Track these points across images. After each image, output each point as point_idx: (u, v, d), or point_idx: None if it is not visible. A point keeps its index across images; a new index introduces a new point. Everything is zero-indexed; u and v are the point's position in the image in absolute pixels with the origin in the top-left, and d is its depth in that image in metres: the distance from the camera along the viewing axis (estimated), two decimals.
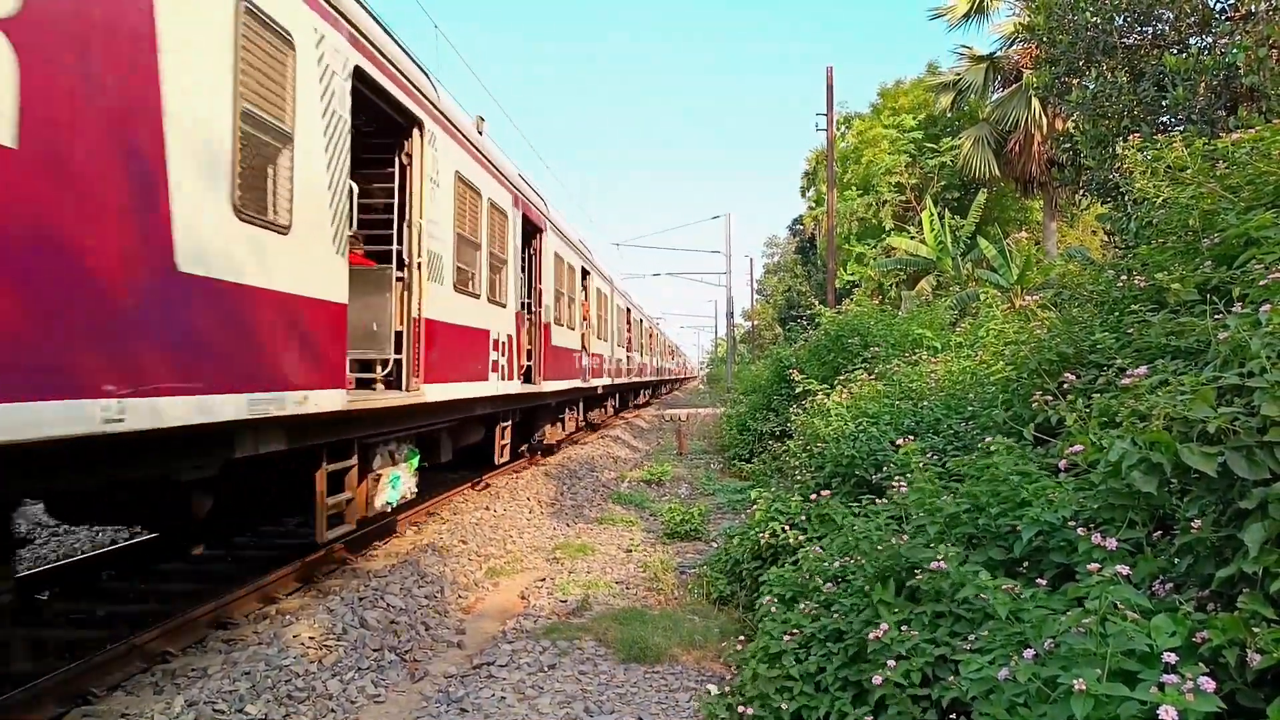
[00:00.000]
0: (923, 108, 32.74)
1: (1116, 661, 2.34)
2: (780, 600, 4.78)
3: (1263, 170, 4.56)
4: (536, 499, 11.39)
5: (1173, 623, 2.42)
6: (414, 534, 8.80)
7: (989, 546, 3.88)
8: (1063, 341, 5.23)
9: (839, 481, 6.93)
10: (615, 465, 16.05)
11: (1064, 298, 6.62)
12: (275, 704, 4.45)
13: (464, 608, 6.72)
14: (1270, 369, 2.70)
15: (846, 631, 3.94)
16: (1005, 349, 6.28)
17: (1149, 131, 8.49)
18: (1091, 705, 2.20)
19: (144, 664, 4.90)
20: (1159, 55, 9.73)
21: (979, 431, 5.95)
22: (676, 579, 7.30)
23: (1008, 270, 18.28)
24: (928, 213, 23.79)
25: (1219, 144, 5.15)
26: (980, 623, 3.24)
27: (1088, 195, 12.95)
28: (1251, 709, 2.29)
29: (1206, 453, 2.63)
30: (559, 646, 5.65)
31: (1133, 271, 5.30)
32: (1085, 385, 4.38)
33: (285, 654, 4.98)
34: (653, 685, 5.06)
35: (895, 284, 28.84)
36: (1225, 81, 8.76)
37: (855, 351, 11.64)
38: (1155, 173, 5.32)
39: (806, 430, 8.51)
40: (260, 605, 6.09)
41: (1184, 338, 4.01)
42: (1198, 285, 4.35)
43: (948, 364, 8.53)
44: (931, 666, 3.29)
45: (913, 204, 32.23)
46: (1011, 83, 22.41)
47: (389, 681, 5.08)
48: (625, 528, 9.91)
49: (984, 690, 2.61)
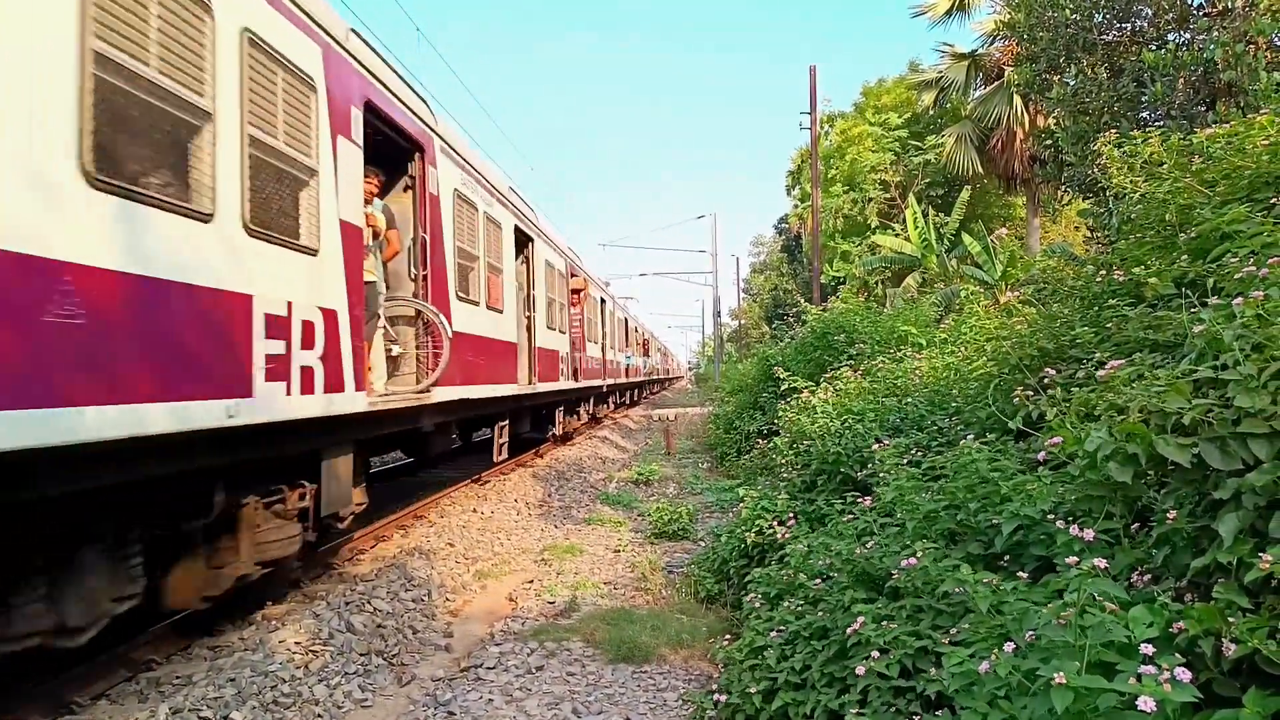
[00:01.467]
0: (906, 106, 32.92)
1: (1095, 653, 2.36)
2: (766, 598, 4.80)
3: (1238, 164, 4.61)
4: (525, 500, 11.37)
5: (1150, 614, 2.44)
6: (401, 537, 8.77)
7: (969, 542, 3.91)
8: (1043, 337, 5.27)
9: (825, 479, 6.95)
10: (603, 466, 16.04)
11: (1045, 293, 6.67)
12: (261, 710, 4.43)
13: (451, 611, 6.70)
14: (1244, 361, 2.72)
15: (832, 629, 3.97)
16: (987, 345, 6.32)
17: (1128, 127, 8.57)
18: (1072, 697, 2.21)
19: (128, 672, 4.87)
20: (1138, 51, 9.81)
21: (963, 427, 5.99)
22: (664, 578, 7.31)
23: (992, 266, 18.39)
24: (911, 210, 23.93)
25: (1195, 139, 5.20)
26: (961, 616, 3.26)
27: (1069, 191, 13.07)
28: (1228, 697, 2.32)
29: (1181, 444, 2.65)
30: (547, 648, 5.65)
31: (1112, 266, 5.34)
32: (1065, 380, 4.41)
33: (271, 660, 4.96)
34: (641, 685, 5.06)
35: (881, 281, 28.98)
36: (1204, 77, 8.85)
37: (841, 349, 11.68)
38: (1132, 168, 5.37)
39: (792, 428, 8.53)
40: (246, 611, 6.05)
41: (1161, 331, 4.05)
42: (1175, 279, 4.39)
43: (932, 360, 8.57)
44: (913, 659, 3.31)
45: (897, 201, 32.37)
46: (993, 80, 22.55)
47: (376, 686, 5.06)
48: (613, 528, 9.90)
49: (965, 683, 2.63)
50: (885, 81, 35.85)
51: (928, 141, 30.47)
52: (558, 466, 14.60)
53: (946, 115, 28.08)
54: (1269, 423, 2.55)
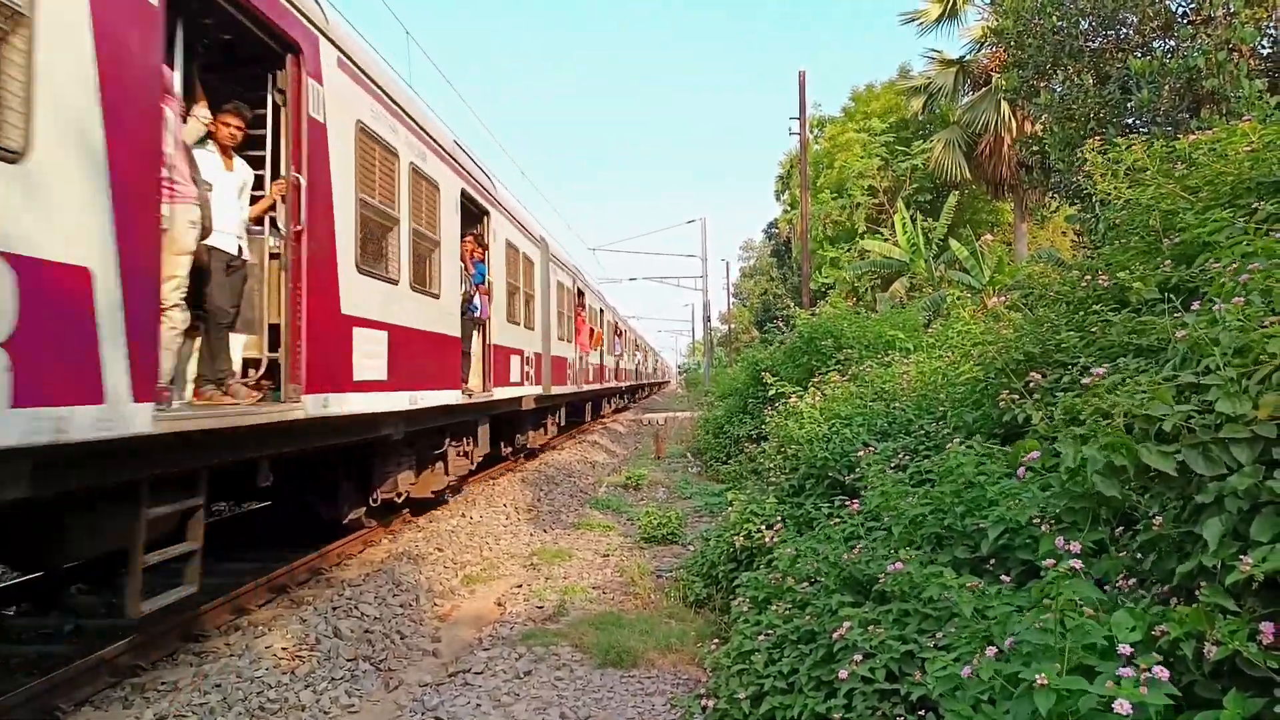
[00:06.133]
0: (894, 111, 33.05)
1: (1077, 656, 2.37)
2: (754, 602, 4.81)
3: (1220, 170, 4.65)
4: (513, 505, 11.36)
5: (1132, 617, 2.46)
6: (389, 542, 8.75)
7: (955, 546, 3.93)
8: (1029, 341, 5.29)
9: (813, 483, 6.97)
10: (593, 470, 16.03)
11: (1032, 298, 6.70)
12: (247, 716, 4.42)
13: (440, 616, 6.68)
14: (1225, 366, 2.75)
15: (819, 633, 3.97)
16: (973, 349, 6.35)
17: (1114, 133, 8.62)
18: (1053, 700, 2.23)
19: (113, 678, 4.83)
20: (1124, 58, 9.88)
21: (950, 432, 6.01)
22: (653, 583, 7.31)
23: (979, 271, 18.49)
24: (900, 215, 24.01)
25: (1178, 145, 5.24)
26: (947, 620, 3.28)
27: (1057, 197, 13.14)
28: (1209, 699, 2.33)
29: (1164, 452, 2.67)
30: (535, 653, 5.64)
31: (1097, 271, 5.37)
32: (1050, 384, 4.44)
33: (257, 665, 4.94)
34: (629, 689, 5.06)
35: (870, 286, 29.07)
36: (1188, 84, 8.90)
37: (829, 353, 11.71)
38: (1116, 174, 5.41)
39: (780, 432, 8.55)
40: (233, 616, 6.02)
41: (1145, 336, 4.07)
42: (1159, 284, 4.42)
43: (919, 365, 8.60)
44: (899, 663, 3.32)
45: (886, 207, 32.48)
46: (981, 86, 22.65)
47: (363, 691, 5.04)
48: (602, 533, 9.90)
49: (949, 687, 2.64)
50: (875, 87, 36.00)
51: (915, 147, 30.60)
52: (547, 471, 14.58)
53: (935, 121, 28.21)
54: (1250, 427, 2.57)
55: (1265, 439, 2.54)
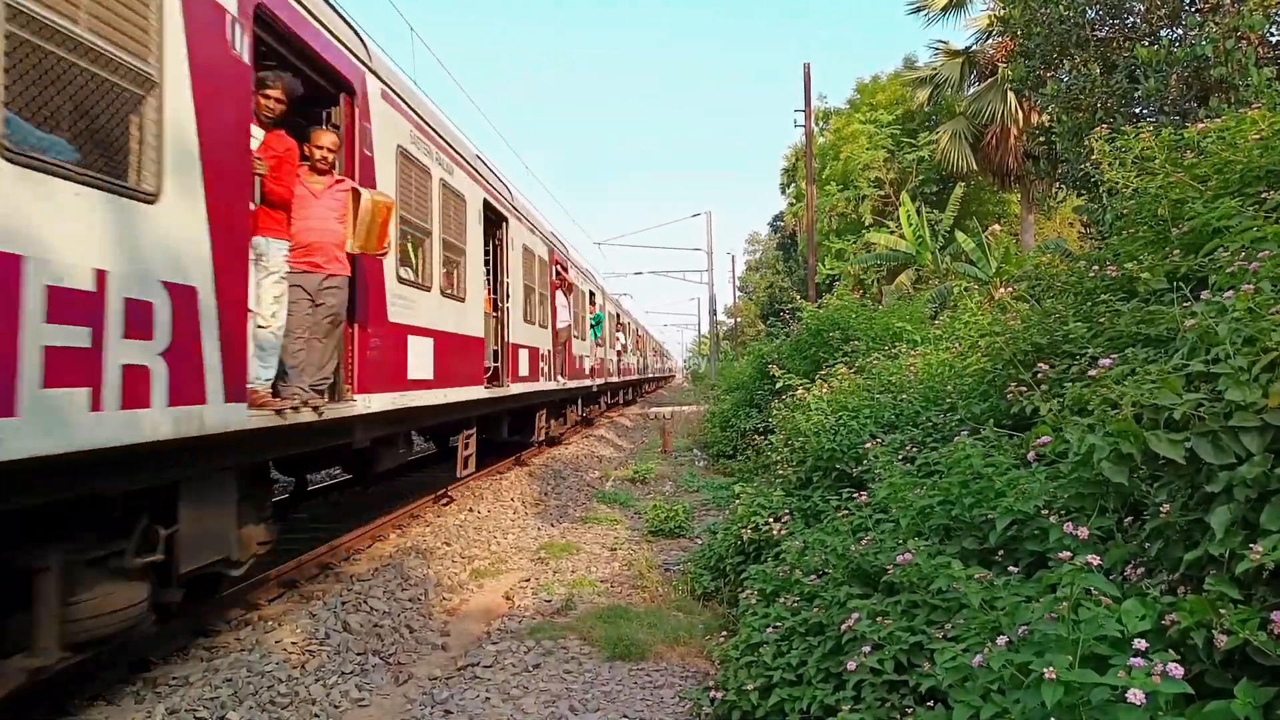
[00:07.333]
0: (900, 103, 32.91)
1: (1088, 647, 2.37)
2: (762, 595, 4.81)
3: (1229, 159, 4.63)
4: (521, 499, 11.38)
5: (1142, 607, 2.45)
6: (398, 536, 8.77)
7: (963, 537, 3.92)
8: (1036, 332, 5.28)
9: (820, 475, 6.96)
10: (600, 464, 16.04)
11: (1039, 289, 6.68)
12: (258, 710, 4.43)
13: (448, 610, 6.70)
14: (1234, 355, 2.74)
15: (827, 625, 3.98)
16: (981, 341, 6.33)
17: (1122, 123, 8.58)
18: (1063, 691, 2.22)
19: (124, 673, 4.86)
20: (1131, 47, 9.84)
21: (958, 423, 6.00)
22: (661, 576, 7.31)
23: (986, 263, 18.42)
24: (906, 207, 23.92)
25: (1186, 134, 5.21)
26: (955, 611, 3.28)
27: (1064, 187, 13.10)
28: (1220, 689, 2.33)
29: (1173, 440, 2.67)
30: (543, 646, 5.65)
31: (1105, 261, 5.35)
32: (1059, 375, 4.43)
33: (267, 660, 4.96)
34: (637, 682, 5.07)
35: (876, 279, 29.01)
36: (1196, 73, 8.86)
37: (836, 346, 11.68)
38: (1124, 164, 5.38)
39: (787, 425, 8.54)
40: (243, 612, 6.05)
41: (1154, 326, 4.06)
42: (1167, 274, 4.41)
43: (926, 357, 8.58)
44: (908, 654, 3.32)
45: (892, 199, 32.38)
46: (987, 77, 22.54)
47: (373, 685, 5.06)
48: (610, 526, 9.91)
49: (958, 678, 2.64)
50: (880, 79, 35.86)
51: (921, 139, 30.49)
52: (554, 465, 14.60)
53: (941, 112, 28.09)
54: (1260, 415, 2.56)
55: (1275, 427, 2.53)
